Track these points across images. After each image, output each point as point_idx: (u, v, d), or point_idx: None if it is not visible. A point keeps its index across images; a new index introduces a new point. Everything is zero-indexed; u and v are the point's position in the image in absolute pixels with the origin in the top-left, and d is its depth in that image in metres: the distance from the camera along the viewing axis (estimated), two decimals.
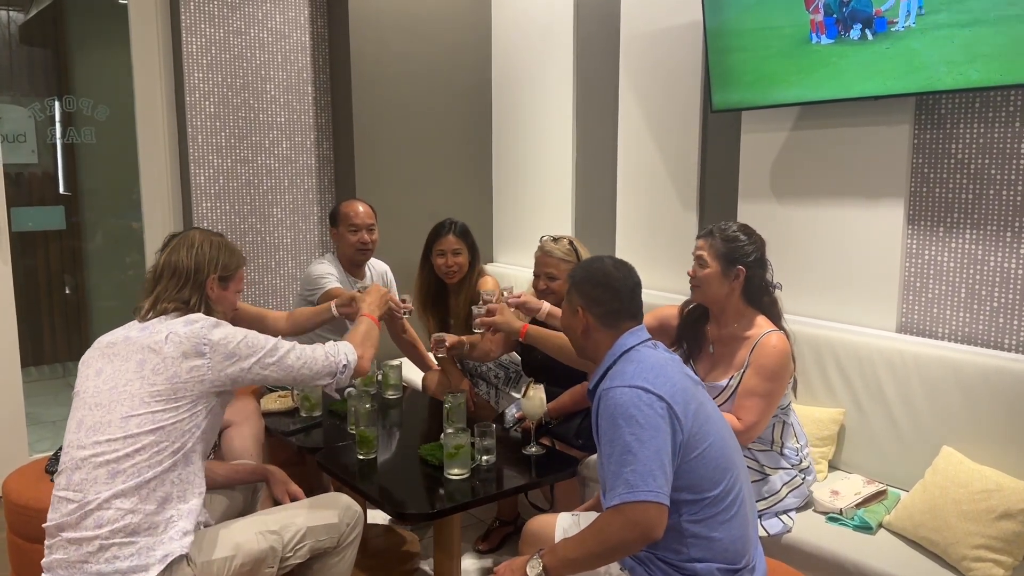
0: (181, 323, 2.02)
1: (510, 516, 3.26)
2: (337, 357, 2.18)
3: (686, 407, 1.81)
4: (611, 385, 1.84)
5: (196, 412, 1.97)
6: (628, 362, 1.90)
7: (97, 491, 1.86)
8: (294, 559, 2.12)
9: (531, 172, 4.53)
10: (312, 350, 2.16)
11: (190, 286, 2.11)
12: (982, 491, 2.27)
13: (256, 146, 4.28)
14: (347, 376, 2.21)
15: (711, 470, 1.83)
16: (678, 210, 3.66)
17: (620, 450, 1.75)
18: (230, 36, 4.15)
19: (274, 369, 2.07)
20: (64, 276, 4.60)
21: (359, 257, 3.51)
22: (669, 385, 1.81)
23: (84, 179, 4.48)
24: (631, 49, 3.81)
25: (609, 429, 1.80)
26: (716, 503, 1.82)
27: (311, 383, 2.19)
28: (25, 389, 3.86)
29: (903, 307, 2.89)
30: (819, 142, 3.07)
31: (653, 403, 1.77)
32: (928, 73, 2.57)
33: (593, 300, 2.00)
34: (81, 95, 4.17)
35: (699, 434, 1.82)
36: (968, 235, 2.71)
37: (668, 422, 1.77)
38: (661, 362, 1.89)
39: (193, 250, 2.14)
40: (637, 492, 1.71)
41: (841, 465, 2.86)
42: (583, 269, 2.08)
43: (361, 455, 2.58)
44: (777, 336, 2.43)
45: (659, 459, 1.73)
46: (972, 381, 2.51)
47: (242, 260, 2.27)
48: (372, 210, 3.54)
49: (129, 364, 1.97)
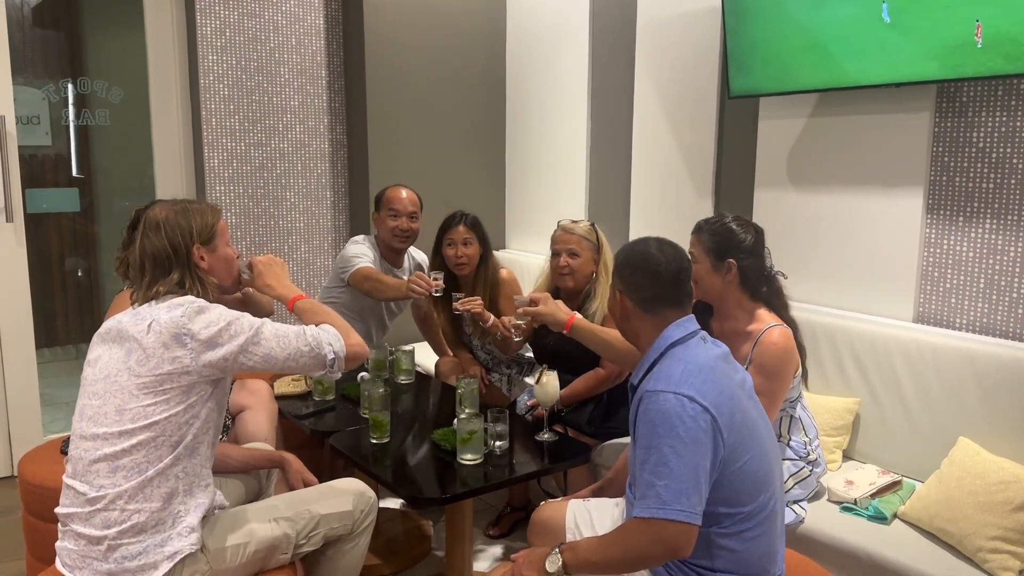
0: (164, 309, 1.91)
1: (521, 502, 3.26)
2: (321, 349, 2.00)
3: (731, 418, 1.72)
4: (655, 388, 1.72)
5: (191, 404, 1.89)
6: (675, 360, 1.79)
7: (100, 484, 1.85)
8: (308, 546, 2.11)
9: (545, 158, 4.51)
10: (296, 337, 1.98)
11: (177, 268, 1.99)
12: (999, 482, 2.25)
13: (270, 129, 4.27)
14: (339, 365, 2.04)
15: (749, 484, 1.75)
16: (693, 198, 3.64)
17: (656, 460, 1.67)
18: (244, 18, 4.13)
19: (259, 360, 1.93)
20: (77, 258, 4.61)
21: (396, 244, 3.44)
22: (716, 393, 1.71)
23: (98, 161, 4.48)
24: (647, 34, 3.78)
25: (648, 434, 1.70)
26: (750, 518, 1.76)
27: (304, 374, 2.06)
28: (39, 370, 3.88)
29: (920, 297, 2.86)
30: (838, 129, 3.04)
31: (698, 416, 1.67)
32: (950, 60, 2.54)
33: (632, 284, 1.89)
34: (95, 77, 4.17)
35: (740, 446, 1.73)
36: (988, 224, 2.68)
37: (711, 437, 1.68)
38: (709, 363, 1.78)
39: (161, 230, 1.99)
40: (669, 509, 1.63)
41: (855, 455, 2.85)
42: (623, 251, 1.96)
43: (374, 439, 2.58)
44: (779, 332, 2.36)
45: (695, 476, 1.65)
46: (989, 372, 2.49)
47: (217, 213, 2.10)
48: (418, 199, 3.47)
49: (119, 353, 1.91)
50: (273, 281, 2.24)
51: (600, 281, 2.97)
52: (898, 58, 2.67)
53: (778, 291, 2.49)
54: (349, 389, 3.02)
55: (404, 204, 3.41)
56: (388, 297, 3.31)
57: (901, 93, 2.80)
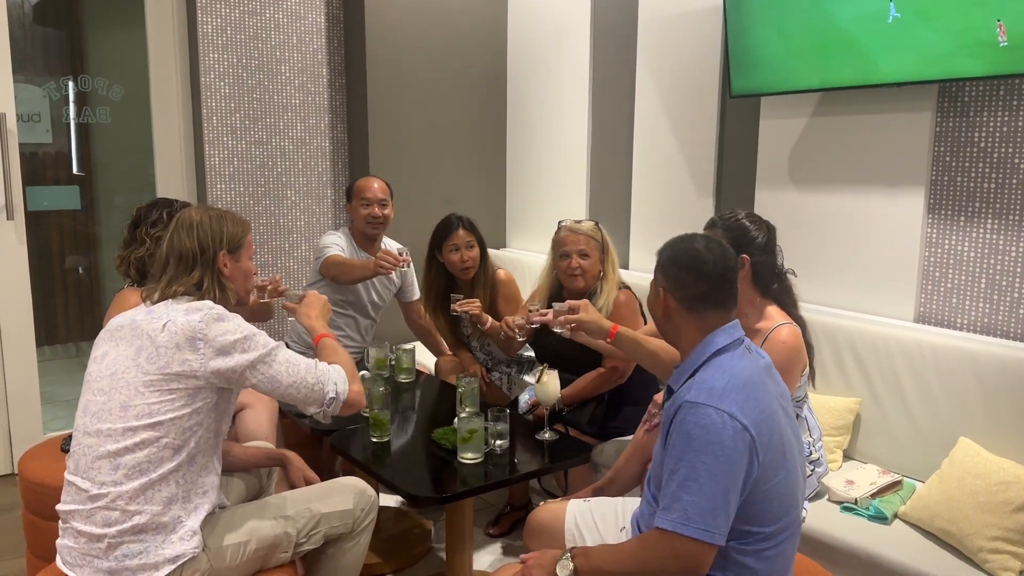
0: (182, 311, 1.93)
1: (521, 501, 3.26)
2: (326, 387, 2.03)
3: (769, 439, 1.67)
4: (697, 400, 1.65)
5: (196, 409, 1.89)
6: (719, 371, 1.71)
7: (102, 481, 1.85)
8: (308, 544, 2.11)
9: (545, 157, 4.51)
10: (306, 369, 2.01)
11: (199, 267, 2.03)
12: (1000, 483, 2.25)
13: (271, 128, 4.27)
14: (335, 409, 2.06)
15: (775, 505, 1.71)
16: (694, 197, 3.63)
17: (687, 474, 1.62)
18: (245, 16, 4.13)
19: (263, 381, 1.95)
20: (77, 256, 4.61)
21: (370, 231, 3.52)
22: (757, 411, 1.66)
23: (98, 159, 4.48)
24: (649, 32, 3.78)
25: (682, 445, 1.64)
26: (770, 538, 1.72)
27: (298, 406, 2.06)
28: (39, 368, 3.88)
29: (922, 296, 2.86)
30: (839, 129, 3.03)
31: (737, 436, 1.61)
32: (952, 60, 2.54)
33: (676, 282, 1.81)
34: (96, 75, 4.16)
35: (772, 467, 1.68)
36: (989, 224, 2.68)
37: (747, 457, 1.63)
38: (753, 377, 1.72)
39: (194, 231, 2.04)
40: (692, 527, 1.59)
41: (856, 455, 2.85)
42: (669, 247, 1.87)
43: (375, 438, 2.58)
44: (788, 330, 2.36)
45: (725, 496, 1.60)
46: (990, 372, 2.49)
47: (247, 226, 2.16)
48: (388, 187, 3.54)
49: (129, 351, 1.92)
50: (314, 314, 2.32)
51: (608, 279, 2.97)
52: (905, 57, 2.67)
53: (788, 289, 2.49)
54: None
55: (375, 192, 3.49)
56: (356, 277, 3.38)
57: (902, 93, 2.80)
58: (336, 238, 3.50)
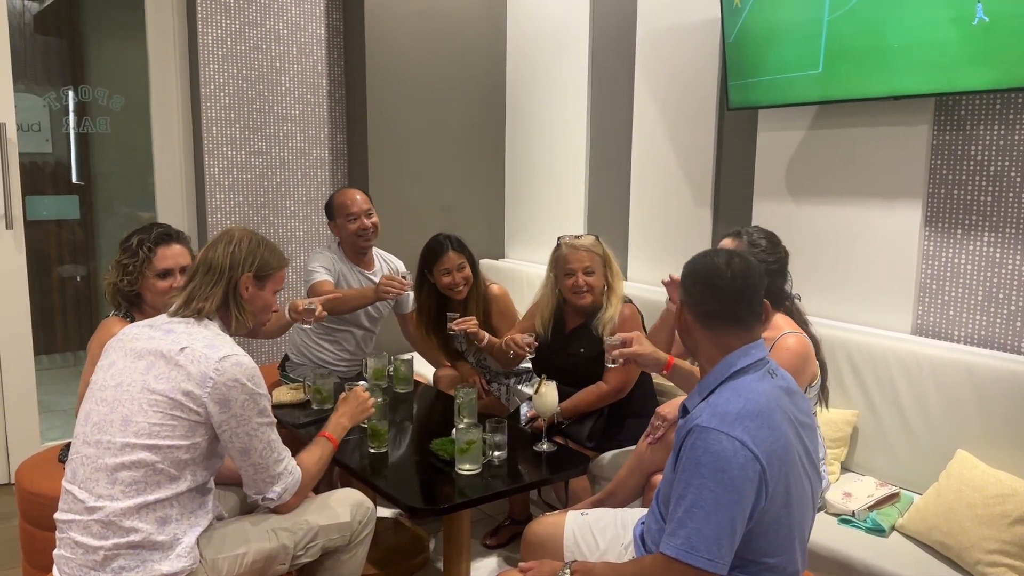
0: (202, 340, 1.93)
1: (522, 516, 3.23)
2: (274, 486, 2.02)
3: (780, 469, 1.63)
4: (708, 425, 1.62)
5: (194, 444, 1.89)
6: (735, 394, 1.67)
7: (99, 494, 1.84)
8: (305, 557, 2.11)
9: (544, 168, 4.52)
10: (274, 460, 2.00)
11: (224, 283, 2.03)
12: (997, 495, 2.25)
13: (270, 138, 4.28)
14: (270, 505, 2.07)
15: (782, 538, 1.68)
16: (692, 209, 3.64)
17: (693, 500, 1.60)
18: (246, 28, 4.15)
19: (236, 450, 1.94)
20: (76, 265, 4.61)
21: (361, 244, 3.43)
22: (771, 440, 1.62)
23: (98, 169, 4.49)
24: (647, 45, 3.80)
25: (691, 470, 1.62)
26: (773, 570, 1.69)
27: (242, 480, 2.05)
28: (37, 377, 3.88)
29: (919, 309, 2.87)
30: (836, 142, 3.05)
31: (747, 465, 1.58)
32: (948, 73, 2.55)
33: (693, 297, 1.77)
34: (96, 85, 4.17)
35: (782, 498, 1.65)
36: (986, 238, 2.69)
37: (755, 488, 1.59)
38: (770, 404, 1.66)
39: (231, 247, 2.05)
40: (695, 555, 1.57)
41: (854, 467, 2.85)
42: (691, 262, 1.82)
43: (372, 449, 2.57)
44: (795, 338, 2.38)
45: (731, 527, 1.58)
46: (987, 384, 2.50)
47: (284, 261, 2.17)
48: (367, 195, 3.48)
49: (139, 364, 1.92)
50: (346, 412, 2.40)
51: (612, 292, 2.97)
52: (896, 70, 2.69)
53: (794, 312, 2.53)
54: None
55: (359, 205, 3.39)
56: (354, 307, 3.31)
57: (899, 106, 2.81)
58: (324, 260, 3.40)
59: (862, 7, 2.72)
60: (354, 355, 3.54)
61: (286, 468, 2.04)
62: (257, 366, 1.99)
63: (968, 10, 2.42)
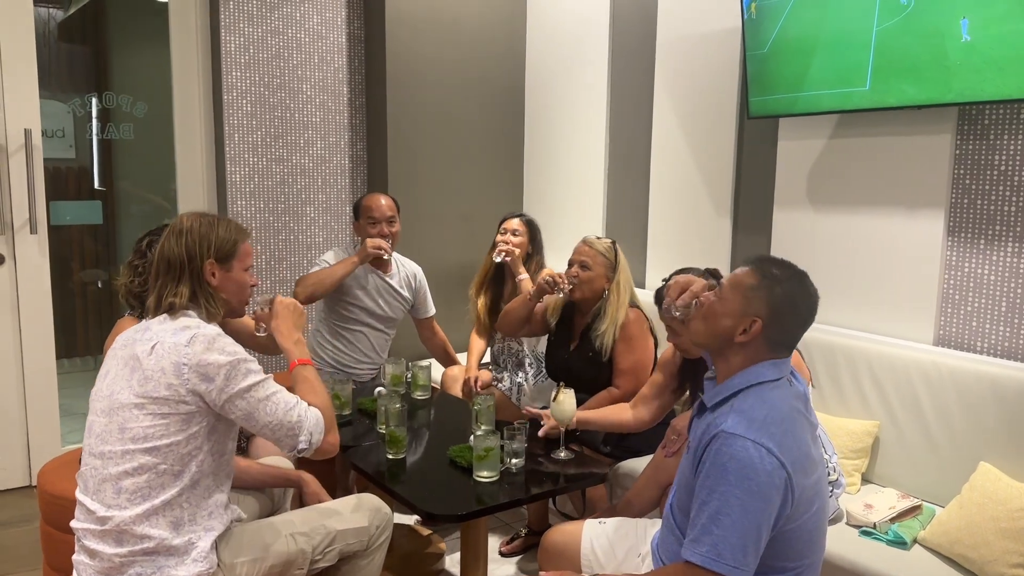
0: (171, 331, 1.88)
1: (540, 527, 3.19)
2: (299, 435, 1.92)
3: (804, 478, 1.63)
4: (734, 431, 1.61)
5: (192, 435, 1.86)
6: (760, 401, 1.67)
7: (108, 504, 1.85)
8: (323, 562, 2.11)
9: (563, 175, 4.52)
10: (284, 410, 1.92)
11: (188, 277, 1.95)
12: (1021, 509, 2.22)
13: (291, 145, 4.31)
14: (304, 455, 1.97)
15: (803, 543, 1.68)
16: (712, 217, 3.63)
17: (719, 507, 1.59)
18: (268, 36, 4.18)
19: (241, 416, 1.88)
20: (97, 270, 4.65)
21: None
22: (795, 448, 1.63)
23: (120, 174, 4.53)
24: (667, 53, 3.79)
25: (716, 476, 1.61)
26: (791, 571, 1.70)
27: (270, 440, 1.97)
28: (58, 381, 3.91)
29: (941, 319, 2.84)
30: (858, 151, 3.03)
31: (774, 472, 1.58)
32: (971, 83, 2.53)
33: (779, 323, 1.71)
34: (120, 92, 4.22)
35: (804, 504, 1.65)
36: (1010, 248, 2.66)
37: (781, 494, 1.59)
38: (792, 413, 1.68)
39: (183, 237, 1.96)
40: (721, 562, 1.57)
41: (875, 478, 2.82)
42: (789, 280, 1.74)
43: (390, 455, 2.58)
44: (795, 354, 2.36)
45: (757, 534, 1.58)
46: (1011, 396, 2.47)
47: (242, 234, 2.04)
48: (395, 203, 3.54)
49: (124, 371, 1.91)
50: (284, 328, 2.13)
51: (611, 301, 2.97)
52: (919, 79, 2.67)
53: None
54: (366, 404, 3.03)
55: (383, 210, 3.46)
56: (340, 276, 3.35)
57: (922, 115, 2.79)
58: (332, 256, 3.47)
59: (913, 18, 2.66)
60: (370, 358, 3.55)
61: (301, 414, 1.93)
62: (221, 330, 1.92)
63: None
